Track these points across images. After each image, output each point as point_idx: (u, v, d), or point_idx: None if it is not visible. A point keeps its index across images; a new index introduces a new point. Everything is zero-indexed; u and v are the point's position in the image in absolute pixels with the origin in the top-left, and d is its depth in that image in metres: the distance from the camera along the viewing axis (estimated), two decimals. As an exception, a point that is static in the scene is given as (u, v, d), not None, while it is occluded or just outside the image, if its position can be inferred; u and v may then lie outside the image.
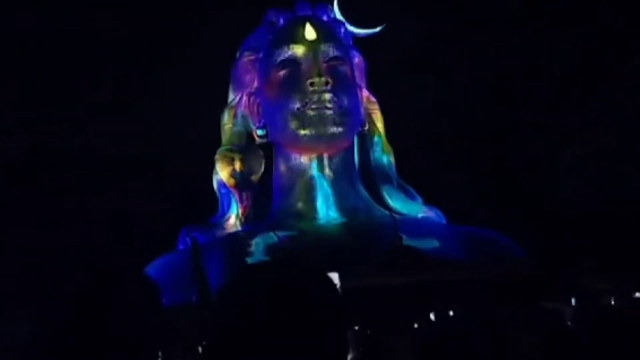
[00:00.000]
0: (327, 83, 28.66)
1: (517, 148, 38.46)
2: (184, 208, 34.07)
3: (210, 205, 30.69)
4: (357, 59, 31.19)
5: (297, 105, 28.84)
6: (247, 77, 30.69)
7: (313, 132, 28.85)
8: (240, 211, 29.79)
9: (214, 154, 30.49)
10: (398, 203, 30.25)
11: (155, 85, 37.57)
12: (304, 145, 29.36)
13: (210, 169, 30.56)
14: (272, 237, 27.99)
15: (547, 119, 37.20)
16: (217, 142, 30.93)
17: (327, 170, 29.72)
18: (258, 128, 30.17)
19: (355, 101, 29.91)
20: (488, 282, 24.32)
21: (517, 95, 38.17)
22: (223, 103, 31.31)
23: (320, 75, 28.75)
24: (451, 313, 21.85)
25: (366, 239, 27.89)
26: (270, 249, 27.45)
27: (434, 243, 27.85)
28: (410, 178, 31.10)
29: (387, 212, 29.82)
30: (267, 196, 30.27)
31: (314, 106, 28.67)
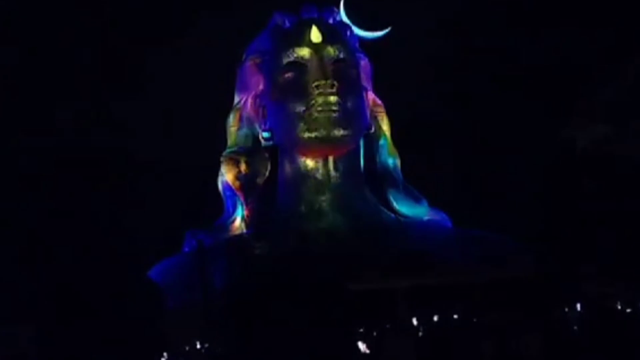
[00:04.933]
0: (332, 85, 28.64)
1: (523, 152, 38.35)
2: (189, 210, 34.04)
3: (215, 206, 30.68)
4: (364, 61, 31.10)
5: (303, 107, 28.82)
6: (253, 80, 30.67)
7: (319, 134, 28.83)
8: (245, 213, 29.78)
9: (220, 156, 30.54)
10: (404, 206, 30.20)
11: (159, 89, 37.59)
12: (309, 148, 29.35)
13: (215, 172, 30.56)
14: (278, 240, 28.09)
15: (555, 121, 37.06)
16: (223, 145, 30.95)
17: (332, 173, 29.69)
18: (264, 131, 30.13)
19: (361, 104, 29.86)
20: (492, 285, 24.32)
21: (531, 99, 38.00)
22: (228, 105, 31.32)
23: (326, 78, 28.72)
24: (455, 315, 21.87)
25: (372, 242, 27.87)
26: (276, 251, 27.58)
27: (439, 246, 27.85)
28: (416, 180, 31.08)
29: (392, 215, 29.81)
30: (272, 199, 30.25)
31: (319, 109, 28.65)
